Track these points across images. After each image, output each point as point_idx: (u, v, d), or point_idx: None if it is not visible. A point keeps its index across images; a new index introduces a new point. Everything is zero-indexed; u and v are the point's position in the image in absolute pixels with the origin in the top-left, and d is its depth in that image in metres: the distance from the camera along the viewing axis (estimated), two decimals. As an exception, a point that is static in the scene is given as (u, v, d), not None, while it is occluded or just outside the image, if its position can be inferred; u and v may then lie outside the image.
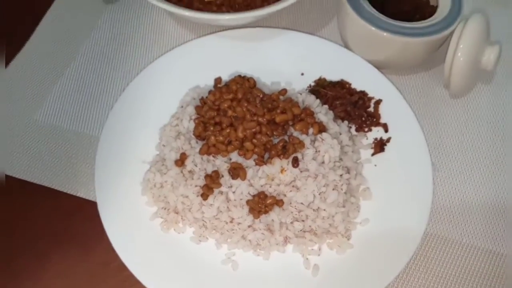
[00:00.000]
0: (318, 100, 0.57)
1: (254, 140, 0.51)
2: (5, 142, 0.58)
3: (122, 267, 0.48)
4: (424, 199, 0.52)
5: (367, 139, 0.58)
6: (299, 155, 0.50)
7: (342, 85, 0.60)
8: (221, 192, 0.50)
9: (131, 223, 0.51)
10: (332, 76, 0.61)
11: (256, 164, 0.51)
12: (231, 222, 0.50)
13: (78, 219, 0.54)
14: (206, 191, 0.50)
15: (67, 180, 0.56)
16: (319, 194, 0.50)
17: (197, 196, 0.50)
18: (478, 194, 0.56)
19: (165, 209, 0.52)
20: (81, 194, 0.55)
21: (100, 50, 0.66)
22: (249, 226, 0.50)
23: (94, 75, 0.64)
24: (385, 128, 0.58)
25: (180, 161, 0.52)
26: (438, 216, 0.54)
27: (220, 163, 0.51)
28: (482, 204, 0.55)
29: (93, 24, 0.68)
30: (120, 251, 0.49)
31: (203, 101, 0.54)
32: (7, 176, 0.56)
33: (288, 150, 0.50)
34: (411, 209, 0.52)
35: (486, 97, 0.62)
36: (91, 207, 0.54)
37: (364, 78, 0.60)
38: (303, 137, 0.51)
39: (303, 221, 0.50)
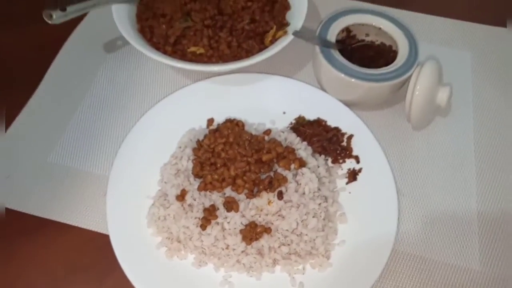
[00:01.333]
0: (298, 138, 0.64)
1: (245, 177, 0.56)
2: (22, 183, 0.63)
3: None
4: (391, 221, 0.58)
5: (342, 169, 0.64)
6: (283, 189, 0.56)
7: (318, 123, 0.67)
8: (218, 223, 0.56)
9: (140, 252, 0.56)
10: (310, 114, 0.68)
11: (247, 197, 0.56)
12: (227, 248, 0.55)
13: (91, 250, 0.59)
14: (205, 222, 0.55)
15: (79, 215, 0.61)
16: (301, 222, 0.56)
17: (197, 227, 0.55)
18: (440, 215, 0.62)
19: (168, 238, 0.57)
20: (93, 227, 0.60)
21: (104, 95, 0.72)
22: (242, 251, 0.55)
23: (100, 118, 0.69)
24: (357, 159, 0.64)
25: (181, 197, 0.57)
26: (405, 235, 0.60)
27: (216, 198, 0.57)
28: (444, 223, 0.61)
29: (96, 72, 0.74)
30: (131, 277, 0.54)
31: (199, 143, 0.61)
32: (24, 214, 0.61)
33: (274, 185, 0.56)
34: (381, 230, 0.57)
35: (443, 129, 0.70)
36: (102, 239, 0.59)
37: (337, 116, 0.67)
38: (286, 172, 0.58)
39: (288, 245, 0.56)
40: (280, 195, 0.56)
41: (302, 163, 0.60)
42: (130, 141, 0.64)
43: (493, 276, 0.58)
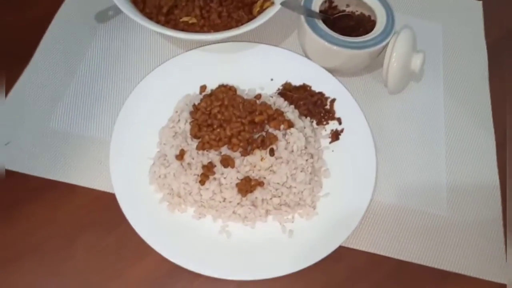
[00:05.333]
0: (286, 102, 0.68)
1: (239, 137, 0.60)
2: (24, 147, 0.65)
3: (140, 243, 0.57)
4: (370, 175, 0.63)
5: (325, 130, 0.68)
6: (274, 147, 0.61)
7: (304, 88, 0.71)
8: (215, 178, 0.59)
9: (144, 207, 0.59)
10: (296, 80, 0.71)
11: (242, 155, 0.60)
12: (224, 201, 0.59)
13: (97, 208, 0.62)
14: (203, 178, 0.58)
15: (84, 176, 0.63)
16: (290, 176, 0.60)
17: (196, 182, 0.59)
18: (413, 168, 0.68)
19: (169, 194, 0.60)
20: (98, 187, 0.63)
21: (98, 64, 0.73)
22: (238, 203, 0.59)
23: (97, 86, 0.71)
24: (339, 121, 0.69)
25: (180, 156, 0.61)
26: (381, 187, 0.66)
27: (213, 156, 0.60)
28: (416, 175, 0.67)
29: (89, 42, 0.75)
30: (138, 228, 0.57)
31: (196, 107, 0.64)
32: (29, 176, 0.63)
33: (266, 143, 0.60)
34: (360, 182, 0.63)
35: (417, 93, 0.75)
36: (106, 197, 0.62)
37: (321, 82, 0.71)
38: (276, 132, 0.62)
39: (279, 196, 0.60)
40: (272, 152, 0.61)
41: (290, 124, 0.64)
42: (128, 107, 0.66)
43: (457, 221, 0.66)
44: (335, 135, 0.69)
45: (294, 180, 0.61)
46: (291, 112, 0.67)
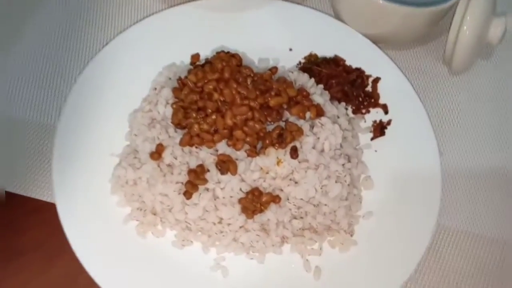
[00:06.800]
0: (312, 79, 0.53)
1: (246, 128, 0.48)
2: None
3: (92, 281, 0.44)
4: (433, 188, 0.50)
5: (365, 121, 0.56)
6: (297, 144, 0.47)
7: (336, 62, 0.58)
8: (207, 189, 0.48)
9: (100, 228, 0.48)
10: (324, 51, 0.58)
11: (248, 155, 0.48)
12: (219, 223, 0.48)
13: (35, 225, 0.50)
14: (190, 188, 0.47)
15: (18, 180, 0.51)
16: (320, 188, 0.47)
17: (179, 194, 0.48)
18: (489, 179, 0.55)
19: (140, 210, 0.49)
20: (37, 195, 0.51)
21: (50, 23, 0.60)
22: (241, 227, 0.48)
23: (46, 52, 0.59)
24: (385, 109, 0.56)
25: (157, 154, 0.48)
26: (450, 206, 0.53)
27: (205, 156, 0.48)
28: (494, 190, 0.55)
29: None
30: (86, 262, 0.45)
31: (181, 82, 0.50)
32: None
33: (286, 139, 0.47)
34: (419, 199, 0.50)
35: (487, 73, 0.62)
36: (49, 210, 0.49)
37: (359, 54, 0.58)
38: (300, 122, 0.48)
39: (302, 218, 0.48)
40: (295, 153, 0.47)
41: (320, 111, 0.50)
42: (86, 80, 0.54)
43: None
44: (379, 129, 0.56)
45: (325, 194, 0.48)
46: (319, 94, 0.53)
